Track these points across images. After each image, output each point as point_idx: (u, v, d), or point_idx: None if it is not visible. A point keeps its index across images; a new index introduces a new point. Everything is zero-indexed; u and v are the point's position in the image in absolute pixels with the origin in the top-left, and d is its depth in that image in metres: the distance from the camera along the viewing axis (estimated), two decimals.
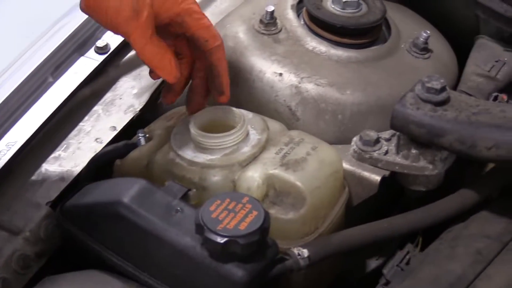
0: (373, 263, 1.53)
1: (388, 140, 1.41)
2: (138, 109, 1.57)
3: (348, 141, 1.43)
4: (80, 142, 1.52)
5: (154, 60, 1.40)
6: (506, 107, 1.31)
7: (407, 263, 1.43)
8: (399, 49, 1.56)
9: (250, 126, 1.37)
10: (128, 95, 1.60)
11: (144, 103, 1.58)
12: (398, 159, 1.38)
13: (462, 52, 1.62)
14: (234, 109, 1.39)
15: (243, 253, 1.19)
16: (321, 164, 1.33)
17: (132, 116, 1.56)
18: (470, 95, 1.52)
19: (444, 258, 1.27)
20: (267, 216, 1.21)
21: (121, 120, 1.56)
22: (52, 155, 1.49)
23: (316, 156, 1.33)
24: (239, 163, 1.32)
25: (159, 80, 1.60)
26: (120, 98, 1.60)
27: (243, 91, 1.49)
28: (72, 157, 1.49)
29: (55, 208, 1.42)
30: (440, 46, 1.61)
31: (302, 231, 1.31)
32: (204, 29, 1.37)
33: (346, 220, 1.41)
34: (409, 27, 1.62)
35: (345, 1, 1.52)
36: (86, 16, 1.66)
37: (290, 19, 1.55)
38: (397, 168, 1.38)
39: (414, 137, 1.34)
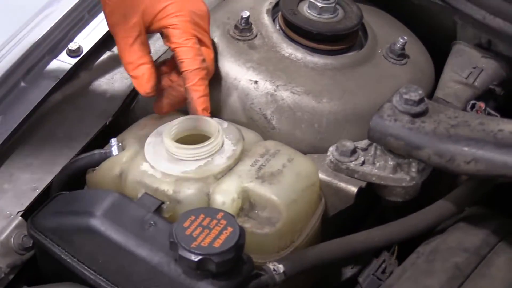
0: (348, 272, 1.50)
1: (365, 149, 1.37)
2: (111, 115, 1.53)
3: (324, 150, 1.40)
4: (53, 149, 1.48)
5: (128, 67, 1.38)
6: (485, 119, 1.27)
7: (383, 272, 1.40)
8: (376, 55, 1.51)
9: (225, 136, 1.33)
10: (102, 99, 1.56)
11: (117, 109, 1.54)
12: (375, 170, 1.34)
13: (439, 58, 1.58)
14: (209, 119, 1.34)
15: (218, 271, 1.15)
16: (298, 177, 1.28)
17: (105, 122, 1.52)
18: (447, 102, 1.48)
19: (422, 274, 1.24)
20: (242, 232, 1.17)
21: (94, 126, 1.52)
22: (24, 162, 1.45)
23: (292, 169, 1.29)
24: (214, 176, 1.27)
25: (133, 85, 1.56)
26: (91, 104, 1.55)
27: (218, 98, 1.45)
28: (44, 164, 1.45)
29: (27, 217, 1.38)
30: (417, 52, 1.57)
31: (278, 245, 1.27)
32: (183, 50, 1.36)
33: (322, 230, 1.37)
34: (386, 32, 1.57)
35: (321, 7, 1.47)
36: (58, 17, 1.64)
37: (266, 24, 1.50)
38: (374, 179, 1.34)
39: (391, 149, 1.30)
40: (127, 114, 1.56)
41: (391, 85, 1.45)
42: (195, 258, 1.13)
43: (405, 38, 1.50)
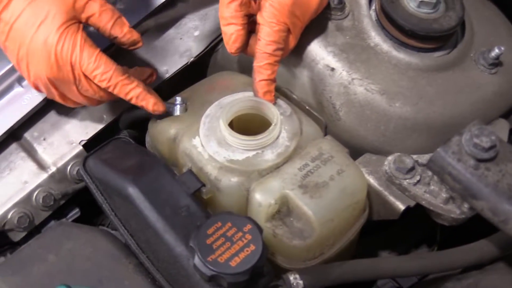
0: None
1: (424, 165, 1.04)
2: (194, 55, 1.22)
3: (386, 153, 1.06)
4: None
5: (221, 21, 1.07)
6: None
7: None
8: (466, 58, 1.11)
9: (283, 127, 1.02)
10: (189, 36, 1.25)
11: (201, 51, 1.23)
12: (427, 195, 1.01)
13: None
14: (271, 106, 1.01)
15: (229, 287, 0.89)
16: (342, 194, 0.96)
17: (186, 62, 1.22)
18: None
19: None
20: (263, 253, 0.88)
21: (174, 64, 1.22)
22: None
23: (339, 183, 0.96)
24: (258, 172, 0.97)
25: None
26: (181, 38, 1.24)
27: (293, 72, 1.10)
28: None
29: (87, 148, 1.14)
30: None
31: (305, 256, 0.98)
32: (266, 29, 1.02)
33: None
34: (487, 32, 1.16)
35: (421, 0, 1.08)
36: None
37: (361, 4, 1.11)
38: (424, 203, 1.02)
39: (447, 186, 0.97)
40: (214, 54, 1.25)
41: (473, 97, 1.08)
42: (208, 272, 0.87)
43: (502, 48, 1.10)
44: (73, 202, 1.15)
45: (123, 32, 1.05)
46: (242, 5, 1.04)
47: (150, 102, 1.05)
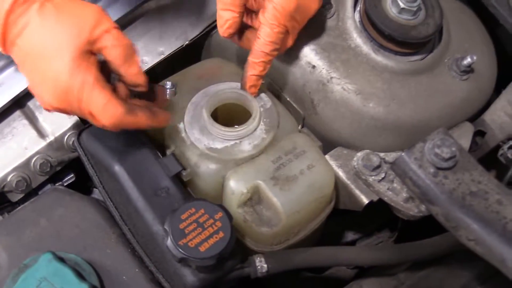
0: (349, 236, 1.20)
1: (390, 163, 1.02)
2: (189, 39, 1.18)
3: (356, 147, 1.03)
4: None
5: (218, 4, 1.01)
6: (505, 198, 0.89)
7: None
8: (440, 64, 1.07)
9: (262, 119, 0.99)
10: (187, 20, 1.21)
11: (196, 34, 1.19)
12: (389, 192, 0.99)
13: (506, 74, 1.15)
14: (252, 99, 0.99)
15: (198, 270, 0.88)
16: (310, 188, 0.95)
17: (181, 44, 1.18)
18: (490, 128, 1.09)
19: None
20: (230, 241, 0.88)
21: (170, 45, 1.18)
22: None
23: (308, 178, 0.95)
24: (235, 161, 0.96)
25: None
26: (178, 22, 1.19)
27: (277, 64, 1.06)
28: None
29: (84, 121, 1.11)
30: (484, 66, 1.11)
31: (271, 242, 0.97)
32: (266, 30, 0.97)
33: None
34: (463, 38, 1.11)
35: (402, 7, 1.03)
36: None
37: (346, 7, 1.06)
38: (386, 199, 1.00)
39: (407, 189, 0.95)
40: (208, 38, 1.22)
41: (443, 101, 1.05)
42: (178, 255, 0.86)
43: (474, 57, 1.05)
44: (69, 168, 1.14)
45: (130, 74, 0.91)
46: None
47: (156, 122, 0.94)
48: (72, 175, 1.14)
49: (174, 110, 1.01)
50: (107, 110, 0.89)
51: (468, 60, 1.06)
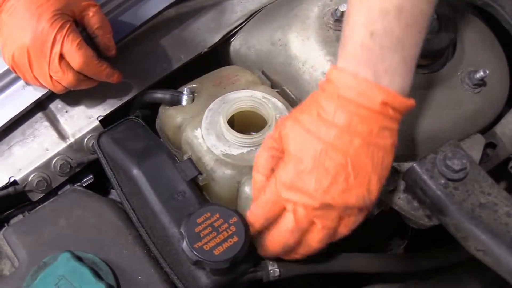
0: (360, 244, 1.21)
1: (402, 173, 1.03)
2: (208, 46, 1.20)
3: None
4: (148, 65, 1.16)
5: None
6: None
7: None
8: (453, 77, 1.08)
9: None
10: (206, 27, 1.23)
11: (215, 42, 1.20)
12: (400, 201, 1.00)
13: None
14: (270, 108, 1.00)
15: (212, 273, 0.90)
16: None
17: (200, 51, 1.20)
18: (502, 140, 1.10)
19: None
20: (244, 245, 0.89)
21: (189, 52, 1.20)
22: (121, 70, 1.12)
23: None
24: (250, 167, 0.96)
25: (240, 19, 1.22)
26: (198, 29, 1.22)
27: (293, 75, 1.08)
28: (135, 78, 1.15)
29: (104, 124, 1.13)
30: (497, 80, 1.11)
31: None
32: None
33: None
34: (476, 51, 1.11)
35: None
36: None
37: None
38: (396, 208, 1.01)
39: (418, 199, 0.96)
40: (226, 46, 1.23)
41: (455, 113, 1.05)
42: (193, 257, 0.88)
43: (487, 71, 1.06)
44: (88, 169, 1.15)
45: (105, 34, 1.06)
46: (274, 157, 0.90)
47: (115, 76, 1.09)
48: (91, 176, 1.16)
49: (191, 117, 1.03)
50: (79, 50, 1.02)
51: (481, 74, 1.07)
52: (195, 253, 0.88)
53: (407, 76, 0.86)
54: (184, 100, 1.06)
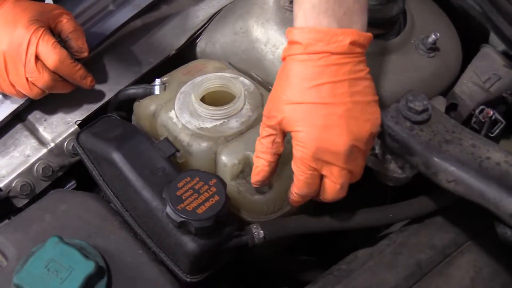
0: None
1: None
2: (175, 48, 1.24)
3: None
4: (120, 70, 1.19)
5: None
6: (478, 142, 0.93)
7: None
8: (408, 44, 1.13)
9: (247, 100, 1.03)
10: (171, 33, 1.25)
11: (181, 44, 1.23)
12: (373, 158, 1.03)
13: (469, 55, 1.20)
14: (237, 82, 1.03)
15: (197, 233, 0.90)
16: None
17: (168, 54, 1.23)
18: (462, 99, 1.13)
19: (384, 265, 0.95)
20: (226, 203, 0.91)
21: (157, 56, 1.23)
22: (95, 77, 1.15)
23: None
24: (224, 137, 0.99)
25: (203, 22, 1.26)
26: (164, 35, 1.25)
27: (257, 57, 1.12)
28: (109, 82, 1.18)
29: (82, 127, 1.15)
30: (449, 46, 1.17)
31: (266, 211, 0.99)
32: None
33: None
34: (426, 21, 1.17)
35: None
36: None
37: None
38: (370, 164, 1.02)
39: (388, 147, 0.99)
40: (192, 48, 1.27)
41: (413, 76, 1.10)
42: (177, 219, 0.88)
43: (438, 34, 1.11)
44: (70, 175, 1.16)
45: (78, 39, 1.10)
46: (274, 143, 0.92)
47: (89, 79, 1.12)
48: (73, 182, 1.16)
49: (165, 102, 1.05)
50: (54, 50, 1.05)
51: (432, 37, 1.12)
52: (179, 214, 0.88)
53: (363, 14, 0.92)
54: (157, 89, 1.09)
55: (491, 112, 1.08)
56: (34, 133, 1.14)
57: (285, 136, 0.92)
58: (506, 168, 0.88)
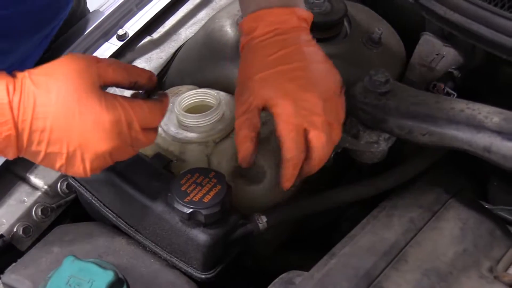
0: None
1: None
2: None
3: None
4: None
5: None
6: (441, 99, 1.02)
7: None
8: (356, 42, 1.23)
9: (227, 107, 1.09)
10: None
11: None
12: (349, 138, 1.10)
13: (411, 46, 1.31)
14: (212, 92, 1.09)
15: (207, 222, 0.94)
16: None
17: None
18: (414, 81, 1.23)
19: (381, 226, 1.00)
20: (229, 190, 0.95)
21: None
22: None
23: None
24: (213, 140, 1.04)
25: (167, 61, 1.33)
26: None
27: (228, 74, 1.18)
28: None
29: None
30: (390, 40, 1.27)
31: (265, 202, 1.03)
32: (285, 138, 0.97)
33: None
34: (367, 23, 1.27)
35: (312, 2, 1.20)
36: (112, 8, 1.42)
37: None
38: (347, 145, 1.09)
39: (361, 121, 1.06)
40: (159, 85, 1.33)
41: (368, 68, 1.19)
42: (187, 210, 0.92)
43: (381, 29, 1.22)
44: (67, 217, 1.18)
45: (144, 76, 0.91)
46: (249, 119, 0.96)
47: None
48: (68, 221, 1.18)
49: None
50: (153, 111, 0.88)
51: (377, 32, 1.22)
52: (188, 205, 0.92)
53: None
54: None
55: (443, 85, 1.18)
56: (26, 180, 1.16)
57: (260, 112, 0.97)
58: (470, 112, 0.96)
